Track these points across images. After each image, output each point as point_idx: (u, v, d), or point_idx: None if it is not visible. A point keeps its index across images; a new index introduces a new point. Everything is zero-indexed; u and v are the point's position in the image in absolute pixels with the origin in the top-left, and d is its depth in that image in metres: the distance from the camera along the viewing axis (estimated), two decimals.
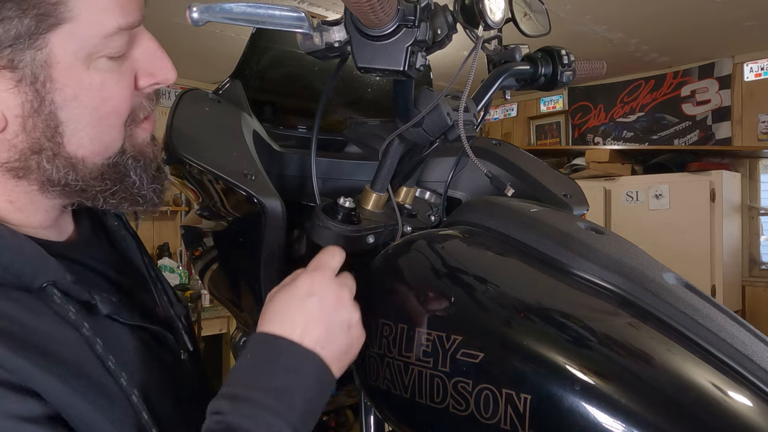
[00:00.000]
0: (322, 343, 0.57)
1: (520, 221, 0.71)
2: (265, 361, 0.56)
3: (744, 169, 4.03)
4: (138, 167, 0.59)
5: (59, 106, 0.51)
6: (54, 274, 0.52)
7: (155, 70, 0.58)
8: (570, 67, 0.93)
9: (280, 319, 0.58)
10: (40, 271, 0.52)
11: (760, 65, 3.99)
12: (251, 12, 0.60)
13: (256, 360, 0.56)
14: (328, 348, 0.57)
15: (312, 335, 0.57)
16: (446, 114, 0.74)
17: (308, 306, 0.58)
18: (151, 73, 0.58)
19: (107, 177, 0.57)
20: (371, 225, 0.77)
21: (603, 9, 3.20)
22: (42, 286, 0.51)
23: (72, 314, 0.52)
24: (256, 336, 0.58)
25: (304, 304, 0.58)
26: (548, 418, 0.52)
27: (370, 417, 0.79)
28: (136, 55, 0.57)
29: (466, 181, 1.03)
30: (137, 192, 0.59)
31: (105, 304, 0.56)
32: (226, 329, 3.14)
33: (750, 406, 0.52)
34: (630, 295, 0.61)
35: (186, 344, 0.69)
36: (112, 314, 0.57)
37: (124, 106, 0.56)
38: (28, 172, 0.53)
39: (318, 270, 0.61)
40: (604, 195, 4.03)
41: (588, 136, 4.86)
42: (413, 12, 0.62)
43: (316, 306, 0.58)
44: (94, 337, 0.52)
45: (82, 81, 0.52)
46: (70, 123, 0.52)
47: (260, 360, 0.56)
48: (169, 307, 0.70)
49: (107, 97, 0.54)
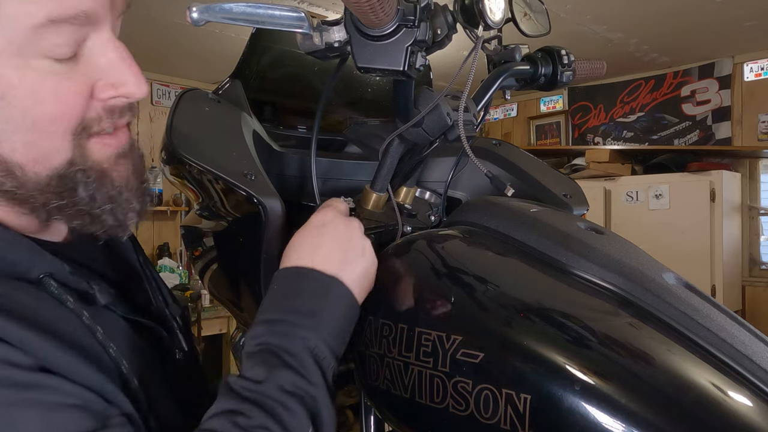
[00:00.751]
0: (341, 266, 0.62)
1: (520, 221, 0.71)
2: (293, 289, 0.60)
3: (744, 169, 4.03)
4: (89, 183, 0.54)
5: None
6: (50, 266, 0.52)
7: (118, 81, 0.53)
8: (570, 67, 0.93)
9: (299, 253, 0.63)
10: (35, 262, 0.51)
11: (760, 65, 3.99)
12: (251, 12, 0.60)
13: (284, 289, 0.61)
14: (348, 271, 0.62)
15: (331, 261, 0.62)
16: (446, 114, 0.74)
17: (323, 236, 0.63)
18: (113, 84, 0.53)
19: (52, 189, 0.52)
20: (371, 225, 0.77)
21: (603, 9, 3.20)
22: (39, 277, 0.51)
23: (70, 303, 0.51)
24: (281, 271, 0.63)
25: (319, 235, 0.63)
26: (548, 418, 0.52)
27: (370, 417, 0.79)
28: (97, 63, 0.52)
29: (466, 181, 1.03)
30: (87, 211, 0.55)
31: (104, 294, 0.56)
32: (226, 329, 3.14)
33: (750, 406, 0.52)
34: (630, 295, 0.61)
35: (181, 344, 0.68)
36: (111, 305, 0.57)
37: (68, 113, 0.51)
38: None
39: (326, 207, 0.68)
40: (604, 195, 4.03)
41: (588, 136, 4.86)
42: (413, 12, 0.62)
43: (331, 234, 0.63)
44: (94, 324, 0.52)
45: (10, 79, 0.47)
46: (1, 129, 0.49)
47: (288, 289, 0.61)
48: (164, 307, 0.69)
49: (40, 101, 0.49)
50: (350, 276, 0.62)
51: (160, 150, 0.83)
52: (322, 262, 0.61)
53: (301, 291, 0.60)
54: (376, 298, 0.69)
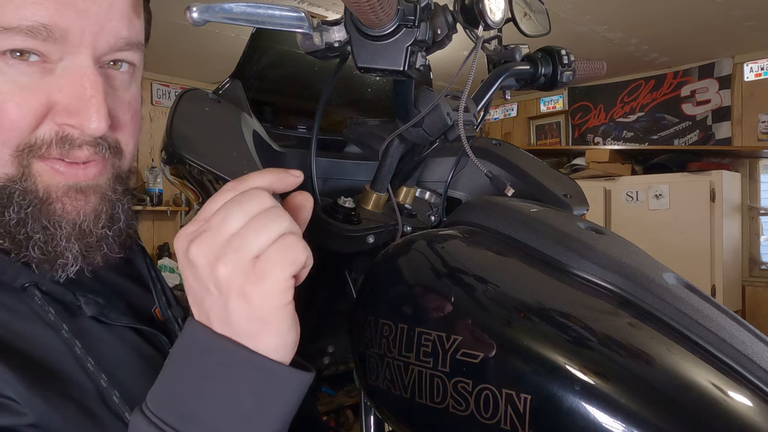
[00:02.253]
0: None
1: (520, 221, 0.71)
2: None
3: (744, 169, 4.04)
4: (24, 206, 0.50)
5: None
6: (34, 276, 0.52)
7: (75, 110, 0.50)
8: (570, 67, 0.93)
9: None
10: (21, 271, 0.51)
11: (760, 65, 3.99)
12: (251, 12, 0.60)
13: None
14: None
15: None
16: (446, 114, 0.74)
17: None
18: (70, 111, 0.50)
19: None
20: (371, 225, 0.77)
21: (603, 9, 3.20)
22: (23, 286, 0.51)
23: (51, 315, 0.51)
24: None
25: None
26: (548, 418, 0.52)
27: (370, 417, 0.79)
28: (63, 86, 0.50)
29: (466, 181, 1.03)
30: (15, 233, 0.51)
31: (90, 305, 0.55)
32: None
33: (750, 406, 0.52)
34: (630, 295, 0.61)
35: None
36: (98, 315, 0.56)
37: (7, 124, 0.49)
38: None
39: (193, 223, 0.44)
40: (604, 195, 4.03)
41: (588, 136, 4.86)
42: (413, 12, 0.62)
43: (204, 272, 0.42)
44: (73, 338, 0.51)
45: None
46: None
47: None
48: (166, 309, 0.69)
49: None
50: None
51: (160, 150, 0.83)
52: None
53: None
54: (376, 298, 0.68)
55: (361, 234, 0.76)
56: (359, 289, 0.76)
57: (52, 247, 0.51)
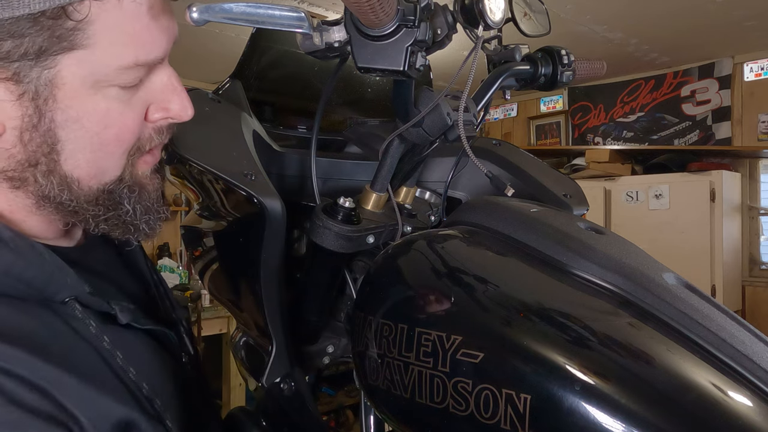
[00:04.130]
0: None
1: (520, 221, 0.71)
2: None
3: (744, 169, 4.04)
4: (133, 197, 0.58)
5: (59, 125, 0.50)
6: (74, 289, 0.52)
7: (170, 105, 0.57)
8: (570, 67, 0.93)
9: None
10: (63, 285, 0.52)
11: (760, 65, 3.99)
12: (251, 12, 0.60)
13: None
14: None
15: None
16: (446, 114, 0.74)
17: None
18: (165, 108, 0.57)
19: (101, 203, 0.56)
20: (371, 225, 0.77)
21: (603, 9, 3.20)
22: (64, 301, 0.51)
23: (93, 328, 0.52)
24: None
25: None
26: (548, 418, 0.52)
27: (370, 417, 0.79)
28: (153, 88, 0.56)
29: (466, 181, 1.03)
30: (130, 221, 0.58)
31: (124, 313, 0.56)
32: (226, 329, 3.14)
33: (750, 406, 0.52)
34: (630, 295, 0.61)
35: (187, 347, 0.69)
36: (132, 322, 0.57)
37: (129, 135, 0.55)
38: (25, 184, 0.52)
39: None
40: (604, 195, 4.03)
41: (588, 136, 4.86)
42: (413, 12, 0.62)
43: None
44: (114, 349, 0.53)
45: (86, 105, 0.51)
46: (68, 143, 0.52)
47: None
48: (171, 311, 0.70)
49: (111, 125, 0.53)
50: None
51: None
52: None
53: None
54: (376, 298, 0.69)
55: (361, 234, 0.76)
56: (359, 289, 0.76)
57: (154, 220, 0.60)
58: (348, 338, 0.91)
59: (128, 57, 0.51)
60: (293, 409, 0.85)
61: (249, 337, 0.96)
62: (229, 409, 0.94)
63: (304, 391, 0.85)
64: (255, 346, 0.93)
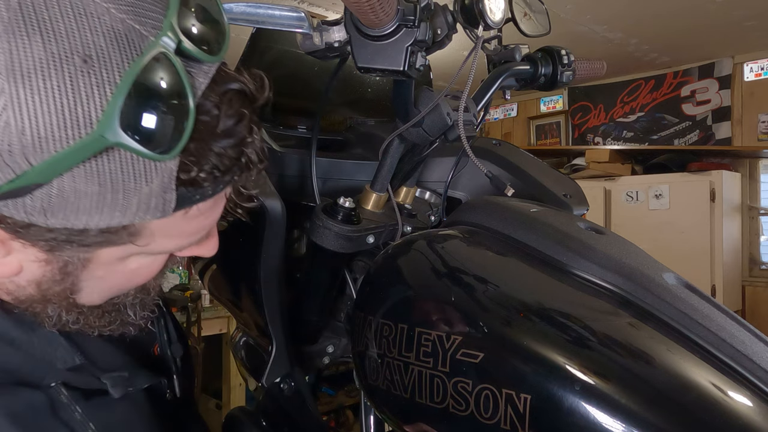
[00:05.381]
0: None
1: (520, 221, 0.71)
2: None
3: (744, 169, 4.03)
4: (136, 303, 0.57)
5: (83, 280, 0.49)
6: (65, 362, 0.51)
7: (201, 249, 0.55)
8: (570, 67, 0.93)
9: None
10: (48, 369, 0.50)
11: (760, 65, 3.99)
12: (251, 12, 0.60)
13: None
14: None
15: None
16: (446, 114, 0.74)
17: None
18: (196, 250, 0.55)
19: (106, 313, 0.55)
20: (371, 225, 0.77)
21: (603, 9, 3.20)
22: (50, 385, 0.50)
23: (78, 414, 0.50)
24: None
25: None
26: (548, 418, 0.52)
27: (370, 417, 0.79)
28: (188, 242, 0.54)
29: (466, 181, 1.03)
30: (130, 322, 0.57)
31: (117, 387, 0.55)
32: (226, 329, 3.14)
33: (750, 406, 0.52)
34: (630, 295, 0.61)
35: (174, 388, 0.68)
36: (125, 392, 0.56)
37: (152, 276, 0.54)
38: (31, 308, 0.50)
39: None
40: (604, 195, 4.03)
41: (588, 136, 4.86)
42: (413, 12, 0.62)
43: None
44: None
45: (115, 269, 0.49)
46: (87, 290, 0.50)
47: None
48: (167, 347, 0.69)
49: (137, 277, 0.52)
50: None
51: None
52: None
53: None
54: (376, 298, 0.68)
55: (361, 234, 0.76)
56: (359, 289, 0.76)
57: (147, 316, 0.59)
58: (348, 338, 0.91)
59: (172, 246, 0.50)
60: (293, 409, 0.85)
61: (249, 337, 0.96)
62: (229, 409, 0.94)
63: (304, 391, 0.85)
64: (255, 346, 0.93)
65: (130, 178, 0.39)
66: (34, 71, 0.34)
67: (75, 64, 0.35)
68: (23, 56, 0.34)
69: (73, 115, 0.35)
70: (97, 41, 0.36)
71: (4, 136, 0.34)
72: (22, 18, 0.34)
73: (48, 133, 0.35)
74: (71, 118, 0.35)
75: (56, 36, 0.35)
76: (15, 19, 0.34)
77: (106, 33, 0.36)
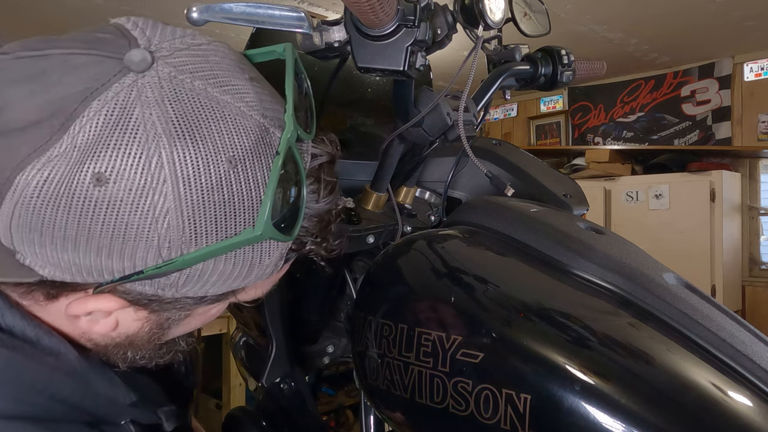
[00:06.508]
0: None
1: (520, 221, 0.71)
2: None
3: (744, 169, 4.03)
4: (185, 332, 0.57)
5: (172, 325, 0.50)
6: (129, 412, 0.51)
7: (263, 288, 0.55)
8: (570, 67, 0.93)
9: None
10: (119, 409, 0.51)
11: (760, 65, 3.99)
12: (251, 12, 0.60)
13: None
14: None
15: None
16: (446, 114, 0.74)
17: None
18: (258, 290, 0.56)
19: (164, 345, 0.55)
20: (371, 225, 0.77)
21: (603, 9, 3.20)
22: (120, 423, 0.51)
23: None
24: None
25: None
26: (548, 418, 0.52)
27: (370, 417, 0.79)
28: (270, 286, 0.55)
29: (466, 181, 1.03)
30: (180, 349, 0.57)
31: (170, 420, 0.56)
32: (226, 329, 3.14)
33: (750, 406, 0.52)
34: (630, 295, 0.61)
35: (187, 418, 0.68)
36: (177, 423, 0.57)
37: None
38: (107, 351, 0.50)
39: None
40: (604, 195, 4.03)
41: (588, 136, 4.86)
42: (413, 12, 0.62)
43: None
44: None
45: (199, 311, 0.50)
46: (171, 334, 0.51)
47: None
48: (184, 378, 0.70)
49: (211, 318, 0.54)
50: None
51: None
52: None
53: None
54: (376, 298, 0.68)
55: (361, 234, 0.76)
56: (359, 289, 0.76)
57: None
58: (348, 338, 0.91)
59: (259, 293, 0.52)
60: (293, 409, 0.85)
61: (249, 337, 0.96)
62: (229, 409, 0.94)
63: (304, 391, 0.85)
64: (255, 346, 0.93)
65: (260, 256, 0.44)
66: (193, 176, 0.38)
67: (224, 167, 0.39)
68: (183, 163, 0.38)
69: (229, 214, 0.39)
70: (240, 143, 0.40)
71: (166, 235, 0.38)
72: (179, 128, 0.38)
73: (204, 230, 0.39)
74: (227, 216, 0.39)
75: (205, 141, 0.38)
76: (172, 130, 0.38)
77: (246, 134, 0.40)
